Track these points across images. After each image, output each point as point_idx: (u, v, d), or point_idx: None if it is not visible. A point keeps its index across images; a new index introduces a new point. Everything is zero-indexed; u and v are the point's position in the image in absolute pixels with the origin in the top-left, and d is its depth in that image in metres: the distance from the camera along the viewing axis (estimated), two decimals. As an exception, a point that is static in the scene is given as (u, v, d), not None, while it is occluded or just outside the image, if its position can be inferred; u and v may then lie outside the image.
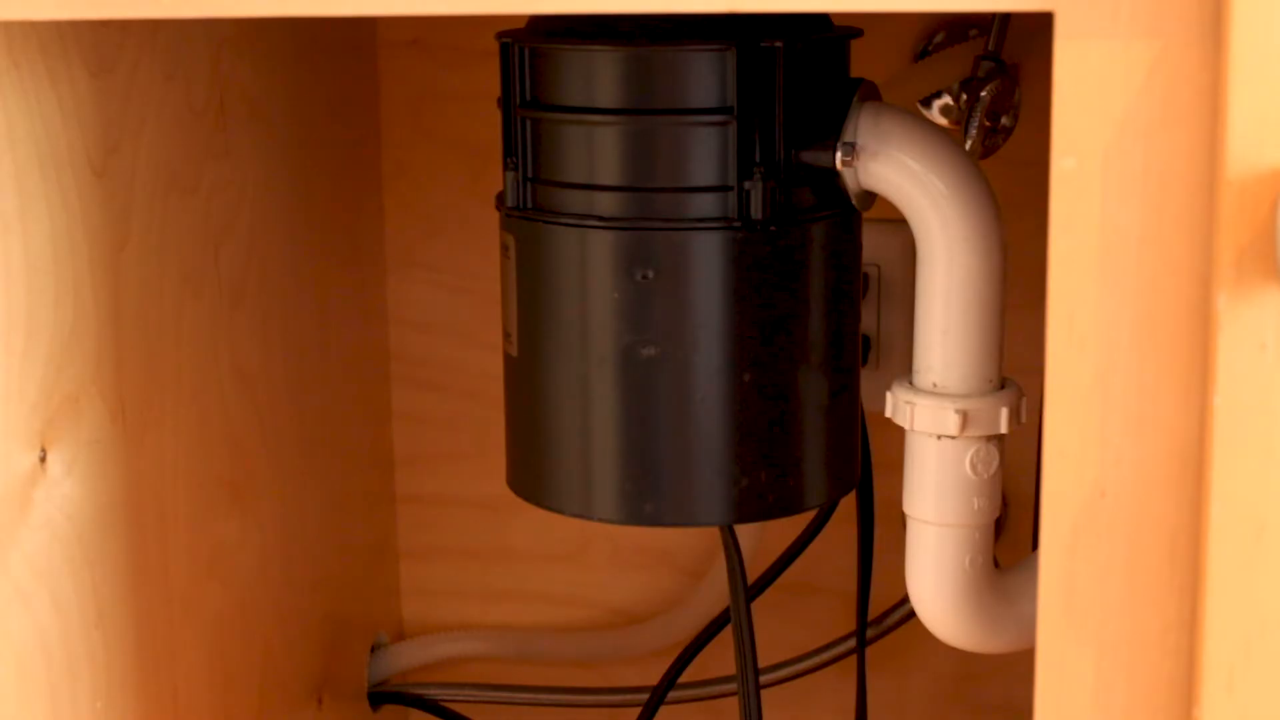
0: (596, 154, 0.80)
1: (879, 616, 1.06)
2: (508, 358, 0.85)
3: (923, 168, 0.78)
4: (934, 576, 0.81)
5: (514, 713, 1.17)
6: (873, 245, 0.90)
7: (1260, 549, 0.60)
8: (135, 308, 0.85)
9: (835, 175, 0.80)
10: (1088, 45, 0.58)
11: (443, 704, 1.16)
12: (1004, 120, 0.97)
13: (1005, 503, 0.98)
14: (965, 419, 0.79)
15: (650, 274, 0.79)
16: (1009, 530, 1.05)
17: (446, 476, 1.18)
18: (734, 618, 0.88)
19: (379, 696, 1.16)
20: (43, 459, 0.78)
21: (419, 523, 1.19)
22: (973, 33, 1.02)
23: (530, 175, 0.82)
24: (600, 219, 0.80)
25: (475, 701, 1.16)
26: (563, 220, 0.81)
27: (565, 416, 0.83)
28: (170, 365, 0.88)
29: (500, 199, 0.84)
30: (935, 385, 0.80)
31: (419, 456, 1.18)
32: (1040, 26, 0.96)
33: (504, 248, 0.84)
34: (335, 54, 1.07)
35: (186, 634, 0.91)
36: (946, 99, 0.95)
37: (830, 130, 0.80)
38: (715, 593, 1.11)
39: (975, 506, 0.80)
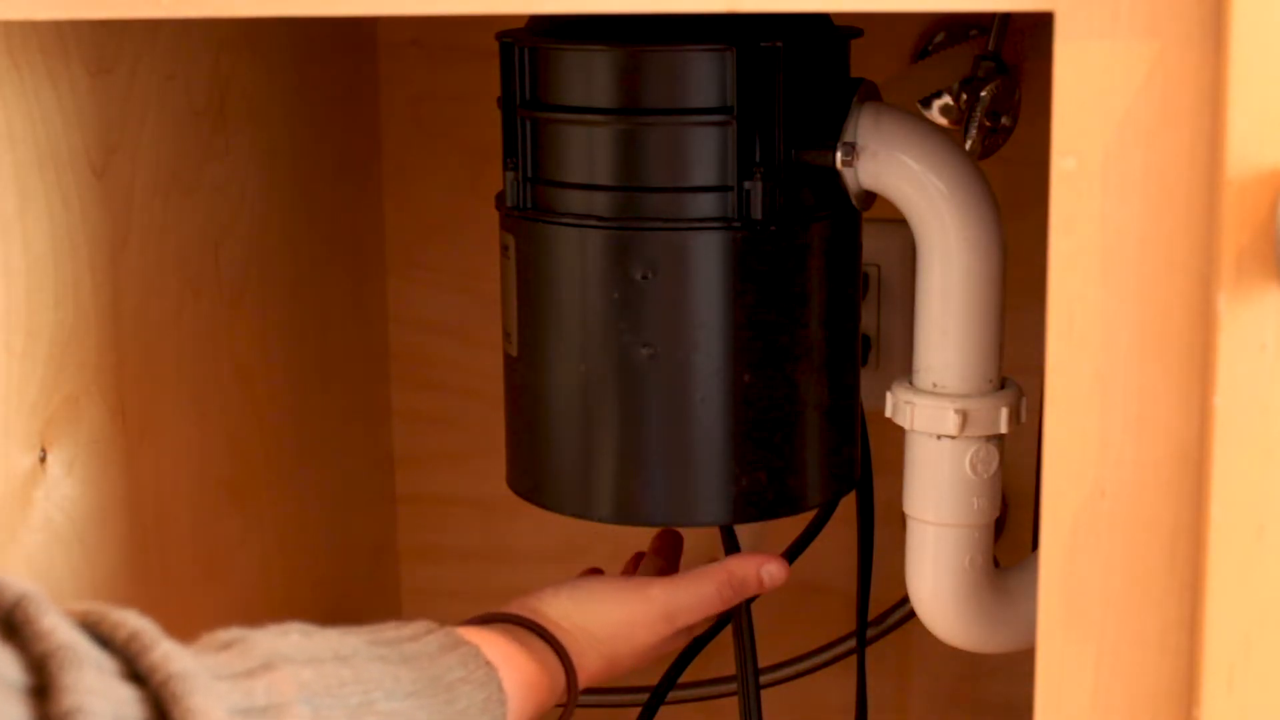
0: (596, 154, 0.80)
1: (879, 616, 1.06)
2: (508, 358, 0.85)
3: (923, 168, 0.78)
4: (934, 576, 0.81)
5: (514, 713, 1.17)
6: (873, 245, 0.90)
7: (1260, 549, 0.60)
8: (135, 308, 0.85)
9: (835, 175, 0.80)
10: (1088, 45, 0.58)
11: (443, 704, 1.15)
12: (1004, 120, 0.97)
13: (1005, 503, 0.98)
14: (965, 419, 0.79)
15: (650, 274, 0.79)
16: (1009, 530, 1.05)
17: (446, 476, 1.18)
18: (734, 618, 0.88)
19: (379, 696, 1.16)
20: (43, 459, 0.78)
21: (419, 523, 1.19)
22: (973, 33, 1.02)
23: (530, 175, 0.82)
24: (600, 219, 0.80)
25: (475, 701, 1.15)
26: (563, 220, 0.81)
27: (565, 416, 0.83)
28: (170, 365, 0.88)
29: (500, 199, 0.84)
30: (935, 385, 0.80)
31: (419, 456, 1.18)
32: (1040, 26, 0.96)
33: (504, 248, 0.84)
34: (335, 54, 1.07)
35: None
36: (946, 99, 0.94)
37: (830, 130, 0.80)
38: (715, 593, 1.11)
39: (975, 506, 0.80)
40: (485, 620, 0.78)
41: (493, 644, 0.73)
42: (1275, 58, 0.56)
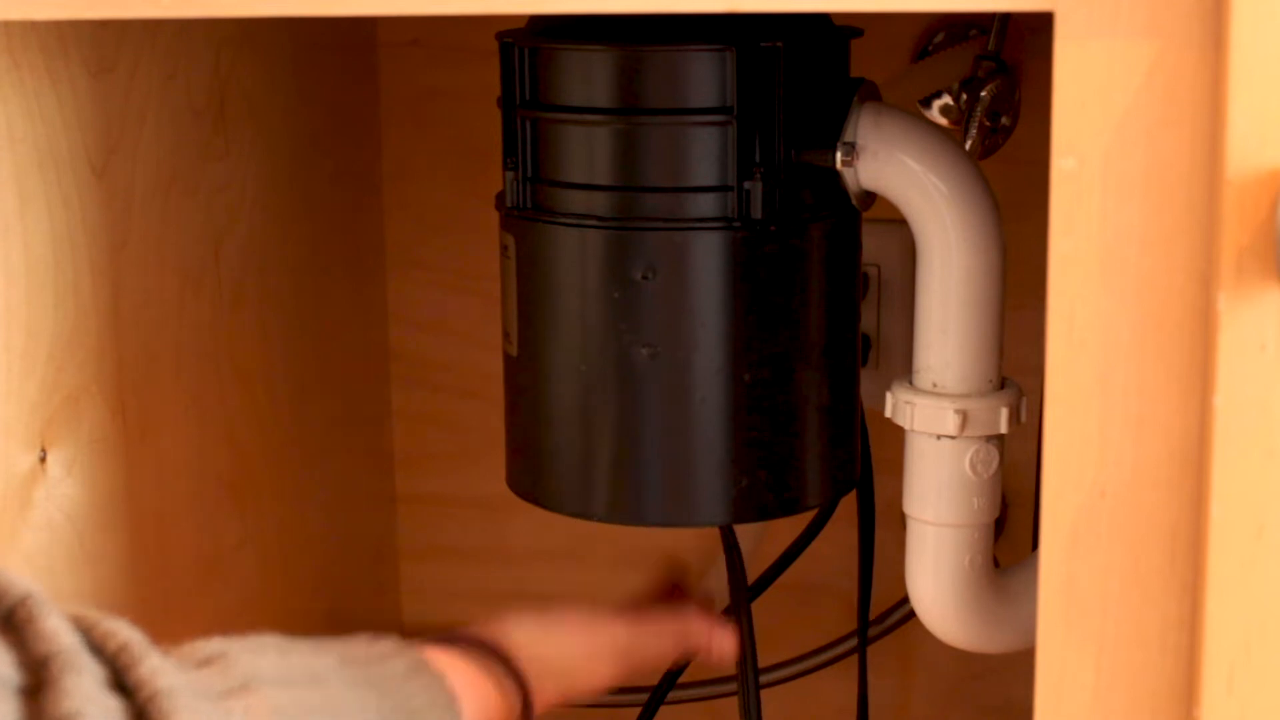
0: (596, 154, 0.80)
1: (879, 616, 1.06)
2: (507, 358, 0.85)
3: (923, 168, 0.78)
4: (934, 576, 0.81)
5: (514, 713, 1.17)
6: (873, 245, 0.90)
7: (1260, 549, 0.60)
8: (135, 308, 0.85)
9: (835, 175, 0.80)
10: (1088, 45, 0.58)
11: (443, 704, 1.15)
12: (1004, 120, 0.97)
13: (1005, 503, 0.98)
14: (965, 419, 0.79)
15: (650, 274, 0.79)
16: (1009, 530, 1.05)
17: (446, 476, 1.18)
18: (735, 618, 0.88)
19: (379, 696, 1.16)
20: (43, 459, 0.78)
21: (419, 523, 1.19)
22: (973, 33, 1.02)
23: (530, 175, 0.82)
24: (600, 219, 0.80)
25: (475, 701, 1.15)
26: (562, 220, 0.81)
27: (565, 416, 0.83)
28: (170, 365, 0.88)
29: (500, 199, 0.84)
30: (935, 385, 0.80)
31: (419, 456, 1.18)
32: (1040, 26, 0.96)
33: (504, 248, 0.84)
34: (335, 54, 1.07)
35: (186, 634, 0.91)
36: (946, 99, 0.95)
37: (830, 130, 0.80)
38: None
39: (975, 506, 0.80)
40: (451, 640, 0.79)
41: (457, 669, 0.75)
42: (1275, 58, 0.56)
